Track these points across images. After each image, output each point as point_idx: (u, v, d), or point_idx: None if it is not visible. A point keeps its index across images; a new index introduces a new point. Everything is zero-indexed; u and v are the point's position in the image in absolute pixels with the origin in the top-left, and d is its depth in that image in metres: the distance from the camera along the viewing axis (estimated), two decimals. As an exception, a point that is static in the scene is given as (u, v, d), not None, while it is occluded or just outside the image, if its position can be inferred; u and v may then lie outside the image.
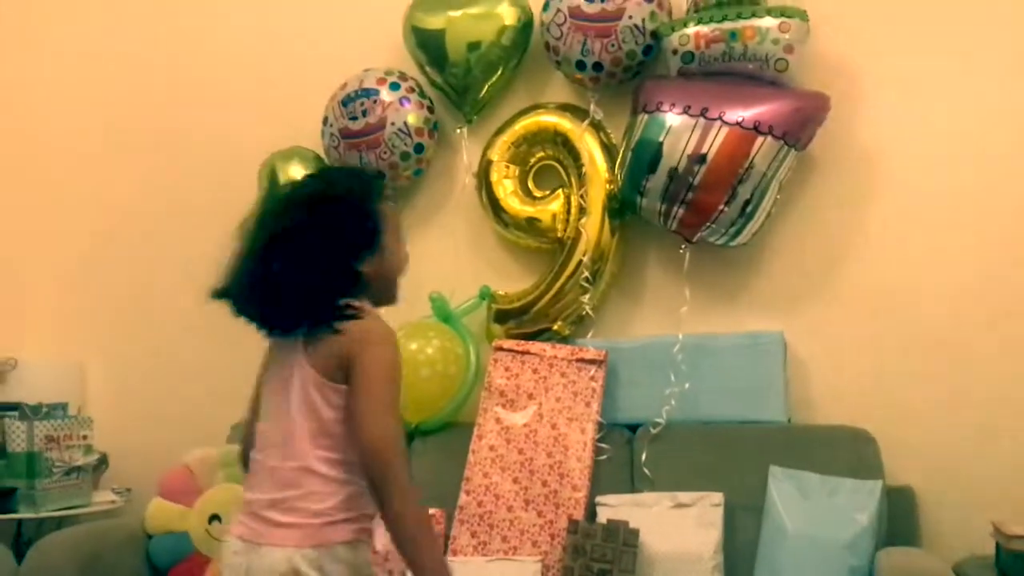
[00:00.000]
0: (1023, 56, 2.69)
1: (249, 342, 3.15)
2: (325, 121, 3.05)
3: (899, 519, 2.48)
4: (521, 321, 2.89)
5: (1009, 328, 2.64)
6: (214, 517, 2.76)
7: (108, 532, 2.74)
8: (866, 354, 2.72)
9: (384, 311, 3.09)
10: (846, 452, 2.51)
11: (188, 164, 3.37)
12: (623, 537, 2.34)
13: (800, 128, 2.64)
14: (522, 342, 2.82)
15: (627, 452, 2.70)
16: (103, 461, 3.15)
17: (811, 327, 2.75)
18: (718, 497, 2.46)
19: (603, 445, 2.68)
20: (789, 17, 2.65)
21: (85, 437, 3.02)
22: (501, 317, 2.91)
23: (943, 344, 2.68)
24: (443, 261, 3.04)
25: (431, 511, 2.66)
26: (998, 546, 2.36)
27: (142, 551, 2.73)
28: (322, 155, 3.11)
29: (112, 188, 3.47)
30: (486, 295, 2.94)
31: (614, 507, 2.53)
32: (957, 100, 2.73)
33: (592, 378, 2.72)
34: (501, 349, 2.82)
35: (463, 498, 2.65)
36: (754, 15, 2.67)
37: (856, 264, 2.76)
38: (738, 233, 2.70)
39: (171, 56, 3.44)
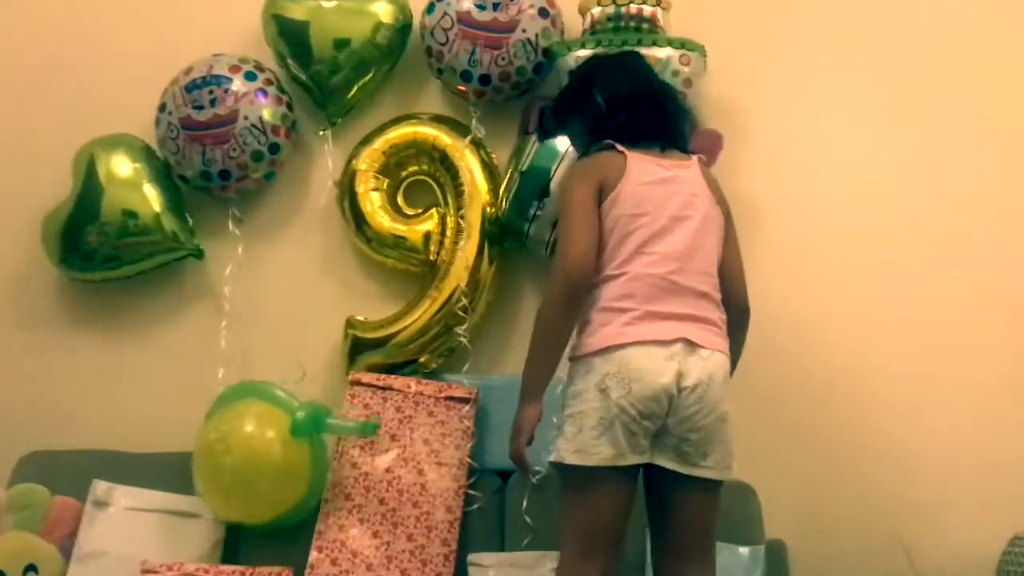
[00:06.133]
0: (908, 107, 2.75)
1: (44, 362, 2.72)
2: (163, 108, 2.63)
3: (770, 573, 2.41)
4: (380, 352, 2.58)
5: (887, 380, 2.64)
6: (-2, 573, 2.27)
7: None
8: (745, 404, 2.63)
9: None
10: (728, 506, 2.40)
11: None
12: None
13: (693, 165, 2.54)
14: (383, 376, 2.52)
15: (498, 503, 2.45)
16: None
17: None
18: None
19: (473, 492, 2.43)
20: (690, 50, 2.56)
21: None
22: (357, 347, 2.59)
23: (820, 397, 2.65)
24: (295, 279, 2.70)
25: (277, 570, 2.30)
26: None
27: None
28: (153, 146, 2.69)
29: None
30: (372, 430, 2.36)
31: (488, 567, 2.28)
32: (841, 148, 2.74)
33: (463, 417, 2.46)
34: (359, 383, 2.50)
35: (314, 556, 2.30)
36: (654, 43, 2.55)
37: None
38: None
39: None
